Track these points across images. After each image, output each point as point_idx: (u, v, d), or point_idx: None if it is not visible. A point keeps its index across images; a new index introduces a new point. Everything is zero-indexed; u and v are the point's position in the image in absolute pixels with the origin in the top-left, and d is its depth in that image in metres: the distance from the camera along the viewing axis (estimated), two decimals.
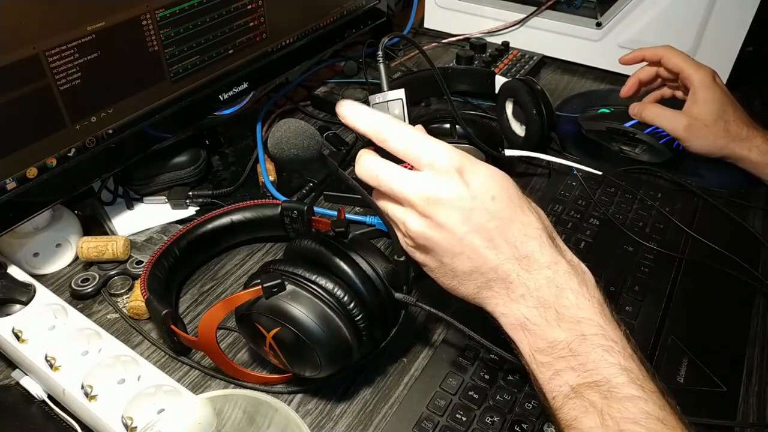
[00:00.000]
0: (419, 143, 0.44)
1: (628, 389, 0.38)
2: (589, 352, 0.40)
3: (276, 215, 0.62)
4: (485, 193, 0.43)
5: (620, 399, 0.38)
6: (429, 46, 1.06)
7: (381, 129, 0.45)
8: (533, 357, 0.42)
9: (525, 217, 0.44)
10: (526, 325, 0.42)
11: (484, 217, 0.43)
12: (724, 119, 0.71)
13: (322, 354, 0.45)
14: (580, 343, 0.40)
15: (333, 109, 0.86)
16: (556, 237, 0.45)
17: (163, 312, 0.50)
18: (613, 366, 0.39)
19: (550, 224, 0.46)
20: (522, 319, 0.42)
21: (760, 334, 0.57)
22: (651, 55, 0.77)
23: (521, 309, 0.43)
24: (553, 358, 0.41)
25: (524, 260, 0.43)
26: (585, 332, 0.40)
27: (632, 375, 0.39)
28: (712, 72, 0.74)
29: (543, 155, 0.73)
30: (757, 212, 0.70)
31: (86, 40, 0.53)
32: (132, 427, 0.44)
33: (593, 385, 0.39)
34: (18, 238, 0.60)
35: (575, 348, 0.40)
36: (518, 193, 0.45)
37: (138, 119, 0.61)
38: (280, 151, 0.42)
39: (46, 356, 0.48)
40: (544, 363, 0.41)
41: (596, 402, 0.38)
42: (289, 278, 0.46)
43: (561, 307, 0.42)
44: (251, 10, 0.69)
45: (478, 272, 0.44)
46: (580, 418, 0.38)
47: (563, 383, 0.40)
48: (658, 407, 0.38)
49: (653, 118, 0.74)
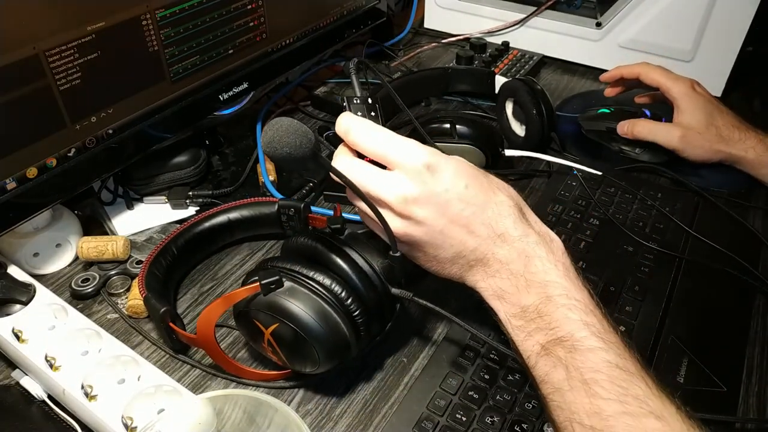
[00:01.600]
0: (388, 143, 0.45)
1: (589, 342, 0.41)
2: (554, 311, 0.43)
3: (273, 213, 0.62)
4: (458, 184, 0.45)
5: (583, 351, 0.40)
6: (429, 46, 1.06)
7: (351, 130, 0.46)
8: (509, 322, 0.45)
9: (497, 198, 0.46)
10: (502, 295, 0.45)
11: (459, 206, 0.45)
12: (714, 125, 0.72)
13: (321, 349, 0.46)
14: (546, 305, 0.43)
15: (333, 109, 0.88)
16: (526, 210, 0.48)
17: (162, 310, 0.50)
18: (575, 322, 0.42)
19: (520, 198, 0.48)
20: (498, 291, 0.45)
21: (760, 334, 0.57)
22: (628, 73, 0.79)
23: (497, 282, 0.46)
24: (525, 321, 0.44)
25: (499, 238, 0.45)
26: (550, 293, 0.43)
27: (593, 329, 0.41)
28: (690, 82, 0.75)
29: (543, 155, 0.73)
30: (757, 212, 0.70)
31: (86, 40, 0.53)
32: (132, 427, 0.44)
33: (559, 341, 0.42)
34: (18, 238, 0.60)
35: (542, 309, 0.43)
36: (487, 177, 0.48)
37: (138, 119, 0.61)
38: (272, 150, 0.42)
39: (46, 356, 0.48)
40: (518, 326, 0.44)
41: (562, 356, 0.41)
42: (287, 275, 0.47)
43: (529, 274, 0.44)
44: (251, 10, 0.69)
45: (460, 256, 0.46)
46: (550, 373, 0.41)
47: (534, 343, 0.43)
48: (617, 356, 0.40)
49: (646, 133, 0.75)
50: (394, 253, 0.47)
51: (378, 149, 0.45)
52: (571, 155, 0.78)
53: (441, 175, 0.45)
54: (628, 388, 0.38)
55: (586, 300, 0.43)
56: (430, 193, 0.44)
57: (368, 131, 0.46)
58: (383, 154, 0.45)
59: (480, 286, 0.47)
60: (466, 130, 0.70)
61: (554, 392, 0.41)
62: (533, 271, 0.44)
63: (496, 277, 0.45)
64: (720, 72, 0.90)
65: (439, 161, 0.45)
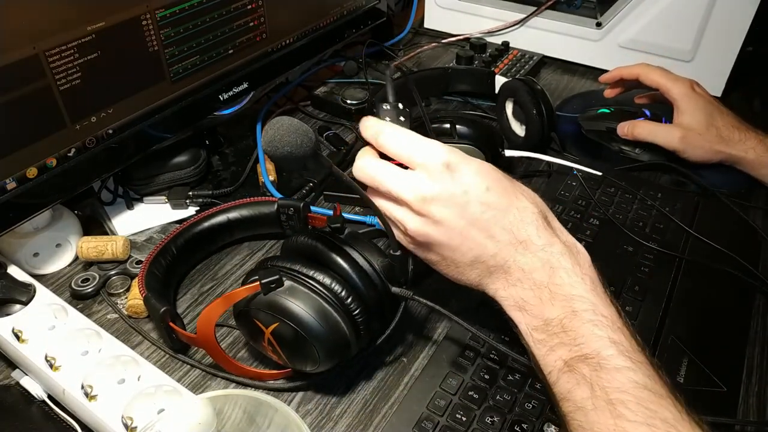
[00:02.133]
0: (411, 143, 0.46)
1: (616, 360, 0.39)
2: (580, 327, 0.41)
3: (272, 212, 0.62)
4: (479, 186, 0.45)
5: (609, 370, 0.39)
6: (429, 46, 1.06)
7: (376, 132, 0.47)
8: (530, 335, 0.43)
9: (520, 203, 0.45)
10: (524, 306, 0.44)
11: (479, 208, 0.44)
12: (714, 125, 0.72)
13: (321, 348, 0.46)
14: (571, 319, 0.42)
15: (333, 109, 0.88)
16: (551, 218, 0.47)
17: (162, 309, 0.50)
18: (602, 339, 0.40)
19: (545, 206, 0.47)
20: (520, 301, 0.44)
21: (760, 334, 0.57)
22: (628, 74, 0.79)
23: (519, 292, 0.44)
24: (548, 335, 0.42)
25: (521, 245, 0.44)
26: (576, 308, 0.42)
27: (621, 347, 0.40)
28: (690, 82, 0.74)
29: (543, 156, 0.73)
30: (757, 212, 0.70)
31: (86, 40, 0.53)
32: (132, 427, 0.44)
33: (584, 358, 0.40)
34: (18, 238, 0.60)
35: (567, 324, 0.42)
36: (510, 181, 0.47)
37: (138, 119, 0.61)
38: (273, 149, 0.42)
39: (46, 356, 0.48)
40: (540, 340, 0.43)
41: (587, 374, 0.39)
42: (287, 274, 0.47)
43: (554, 286, 0.43)
44: (251, 10, 0.69)
45: (479, 261, 0.45)
46: (573, 390, 0.40)
47: (557, 358, 0.41)
48: (646, 377, 0.39)
49: (646, 135, 0.75)
50: (394, 252, 0.47)
51: (403, 151, 0.45)
52: (571, 155, 0.78)
53: (461, 175, 0.44)
54: (657, 411, 0.37)
55: (614, 317, 0.42)
56: (448, 193, 0.44)
57: (395, 134, 0.46)
58: (408, 155, 0.45)
59: (500, 296, 0.45)
60: (466, 130, 0.70)
61: (576, 411, 0.39)
62: (558, 283, 0.43)
63: (518, 286, 0.44)
64: (720, 72, 0.90)
65: (459, 161, 0.45)
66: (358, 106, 0.86)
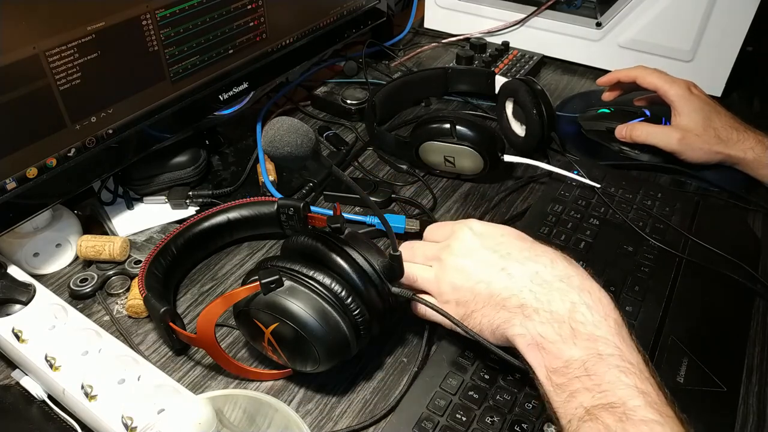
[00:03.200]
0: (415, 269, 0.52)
1: (644, 412, 0.37)
2: (605, 373, 0.39)
3: (272, 212, 0.62)
4: (493, 233, 0.49)
5: (636, 422, 0.36)
6: (429, 46, 1.06)
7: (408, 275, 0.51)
8: (549, 379, 0.41)
9: (537, 247, 0.48)
10: (542, 343, 0.42)
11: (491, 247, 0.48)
12: (712, 126, 0.72)
13: (321, 348, 0.46)
14: (595, 363, 0.39)
15: (333, 109, 0.88)
16: (571, 261, 0.47)
17: (162, 309, 0.50)
18: (629, 388, 0.38)
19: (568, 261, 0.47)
20: (538, 338, 0.42)
21: (760, 334, 0.57)
22: (625, 77, 0.79)
23: (536, 326, 0.42)
24: (568, 379, 0.40)
25: (536, 276, 0.45)
26: (601, 351, 0.40)
27: (649, 398, 0.38)
28: (687, 84, 0.74)
29: (542, 164, 0.73)
30: (757, 213, 0.70)
31: (86, 40, 0.53)
32: (132, 427, 0.43)
33: (608, 406, 0.38)
34: (18, 238, 0.60)
35: (590, 367, 0.39)
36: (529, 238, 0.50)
37: (138, 119, 0.61)
38: (273, 149, 0.42)
39: (46, 356, 0.48)
40: (560, 384, 0.40)
41: (611, 425, 0.37)
42: (287, 274, 0.47)
43: (575, 323, 0.41)
44: (251, 10, 0.69)
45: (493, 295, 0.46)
46: None
47: (578, 405, 0.39)
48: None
49: (644, 137, 0.75)
50: (394, 252, 0.47)
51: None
52: (571, 155, 0.78)
53: (466, 232, 0.50)
54: None
55: (641, 365, 0.39)
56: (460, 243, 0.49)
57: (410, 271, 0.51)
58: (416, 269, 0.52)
59: (517, 332, 0.43)
60: (466, 132, 0.69)
61: None
62: (580, 321, 0.41)
63: (534, 319, 0.42)
64: (720, 72, 0.90)
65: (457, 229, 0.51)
66: (358, 106, 0.86)
